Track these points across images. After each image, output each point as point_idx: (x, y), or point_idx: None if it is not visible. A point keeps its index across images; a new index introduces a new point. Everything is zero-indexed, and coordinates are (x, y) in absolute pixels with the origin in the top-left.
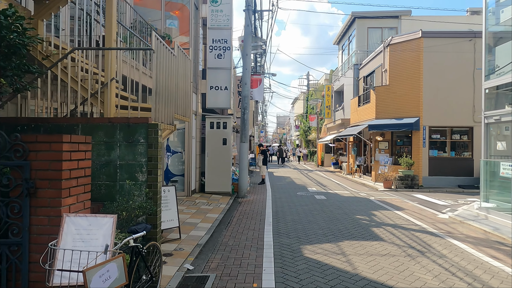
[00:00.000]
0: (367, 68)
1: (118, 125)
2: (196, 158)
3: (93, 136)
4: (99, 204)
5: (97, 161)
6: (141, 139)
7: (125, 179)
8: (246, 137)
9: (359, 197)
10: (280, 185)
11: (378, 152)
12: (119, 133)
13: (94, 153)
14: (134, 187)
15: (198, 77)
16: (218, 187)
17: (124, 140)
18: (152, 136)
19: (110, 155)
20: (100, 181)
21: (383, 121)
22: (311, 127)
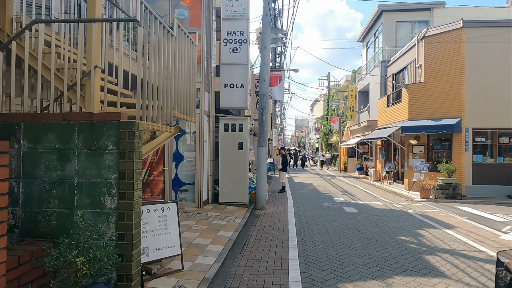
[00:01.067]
0: (396, 65)
1: (76, 123)
2: (209, 165)
3: (41, 141)
4: (47, 242)
5: (46, 178)
6: (109, 145)
7: (85, 206)
8: (264, 140)
9: (395, 209)
10: (302, 194)
11: (412, 157)
12: (78, 136)
13: (42, 165)
14: (98, 218)
15: (211, 74)
16: (234, 197)
17: (84, 146)
18: (126, 140)
19: (64, 169)
20: (49, 207)
21: (417, 123)
22: (333, 129)
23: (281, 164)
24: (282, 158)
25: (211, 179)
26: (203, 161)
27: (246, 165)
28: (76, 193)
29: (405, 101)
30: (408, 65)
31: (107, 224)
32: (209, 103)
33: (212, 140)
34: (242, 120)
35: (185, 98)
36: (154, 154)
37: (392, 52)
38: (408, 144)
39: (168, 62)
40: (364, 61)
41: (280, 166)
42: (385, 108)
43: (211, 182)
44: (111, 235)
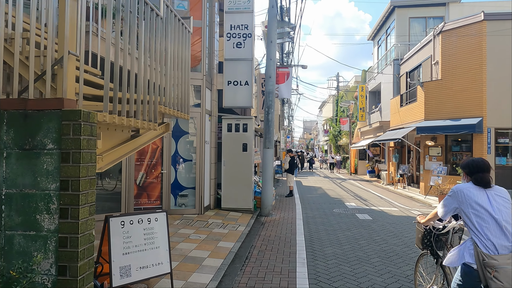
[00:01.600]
0: (410, 62)
1: (5, 114)
2: (211, 167)
3: None
4: None
5: None
6: (48, 143)
7: (16, 227)
8: (270, 141)
9: (412, 216)
10: (311, 198)
11: (429, 159)
12: (7, 131)
13: None
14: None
15: (213, 71)
16: (237, 202)
17: (16, 145)
18: (70, 136)
19: None
20: None
21: (434, 123)
22: (342, 131)
23: (289, 165)
24: (290, 159)
25: (213, 183)
26: (204, 164)
27: (250, 168)
28: (3, 209)
29: (420, 100)
30: (423, 62)
31: (44, 252)
32: (211, 102)
33: (214, 141)
34: (246, 119)
35: (177, 92)
36: (151, 156)
37: (405, 49)
38: (424, 146)
39: (151, 46)
40: (375, 60)
41: (288, 166)
42: (398, 108)
43: (214, 186)
44: (49, 267)
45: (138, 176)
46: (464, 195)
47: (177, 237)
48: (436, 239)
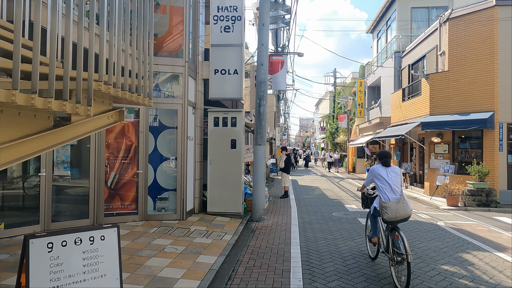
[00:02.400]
0: (413, 54)
1: None
2: (196, 167)
3: None
4: None
5: None
6: None
7: None
8: (262, 137)
9: (422, 222)
10: (308, 200)
11: (434, 157)
12: None
13: None
14: None
15: (198, 57)
16: (225, 206)
17: None
18: None
19: None
20: None
21: (441, 118)
22: (339, 128)
23: (284, 163)
24: (286, 157)
25: (198, 184)
26: (187, 163)
27: (240, 167)
28: None
29: (425, 93)
30: (428, 53)
31: None
32: (196, 92)
33: (199, 137)
34: (235, 113)
35: (131, 66)
36: (125, 154)
37: (407, 41)
38: (430, 143)
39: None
40: (375, 54)
41: (283, 165)
42: (400, 103)
43: (199, 188)
44: None
45: (110, 176)
46: (375, 171)
47: (149, 250)
48: (370, 200)
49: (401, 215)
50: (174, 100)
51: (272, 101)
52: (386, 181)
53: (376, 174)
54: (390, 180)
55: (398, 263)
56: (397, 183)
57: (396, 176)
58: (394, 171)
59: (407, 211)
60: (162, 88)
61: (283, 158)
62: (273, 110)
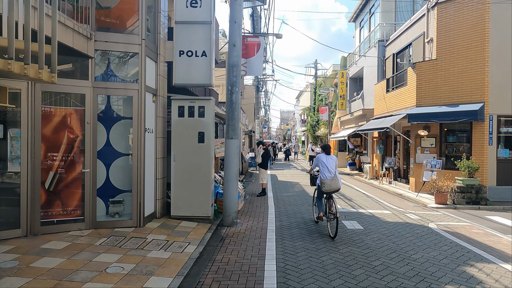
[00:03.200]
0: (398, 43)
1: None
2: (157, 164)
3: None
4: None
5: None
6: None
7: None
8: (235, 130)
9: (412, 224)
10: (287, 198)
11: (420, 151)
12: None
13: None
14: None
15: (159, 36)
16: (192, 208)
17: None
18: None
19: None
20: None
21: (428, 109)
22: (320, 121)
23: (262, 158)
24: (264, 151)
25: (160, 184)
26: (145, 159)
27: (208, 163)
28: None
29: (411, 83)
30: (414, 41)
31: None
32: (157, 77)
33: (162, 129)
34: (203, 101)
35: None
36: (67, 149)
37: (391, 29)
38: (416, 136)
39: None
40: (357, 43)
41: (260, 160)
42: (384, 94)
43: (161, 188)
44: None
45: (48, 177)
46: (320, 159)
47: (88, 270)
48: (315, 178)
49: (333, 188)
50: (128, 85)
51: (251, 92)
52: (325, 165)
53: (320, 160)
54: (328, 164)
55: (331, 220)
56: (333, 167)
57: (332, 161)
58: (331, 158)
59: (338, 185)
60: (116, 71)
61: (260, 153)
62: (253, 102)
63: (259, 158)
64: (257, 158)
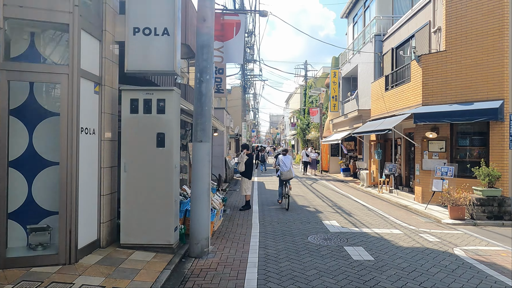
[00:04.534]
0: (398, 36)
1: None
2: (102, 175)
3: None
4: None
5: None
6: None
7: None
8: (204, 130)
9: (433, 249)
10: (275, 213)
11: (428, 156)
12: None
13: None
14: None
15: (105, 7)
16: (149, 233)
17: None
18: None
19: None
20: None
21: (437, 108)
22: (311, 123)
23: (245, 166)
24: (247, 158)
25: (107, 201)
26: (78, 169)
27: (171, 174)
28: None
29: (416, 79)
30: (418, 32)
31: None
32: (101, 60)
33: (110, 129)
34: (163, 92)
35: None
36: None
37: (389, 23)
38: (423, 139)
39: None
40: (350, 40)
41: (243, 168)
42: (382, 93)
43: (108, 207)
44: None
45: None
46: (280, 158)
47: None
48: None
49: (288, 177)
50: (54, 68)
51: (238, 93)
52: (284, 162)
53: (280, 159)
54: (285, 162)
55: (286, 198)
56: (288, 163)
57: (288, 160)
58: (287, 158)
59: (291, 175)
60: (41, 49)
61: (244, 160)
62: (239, 104)
63: (242, 166)
64: (240, 166)
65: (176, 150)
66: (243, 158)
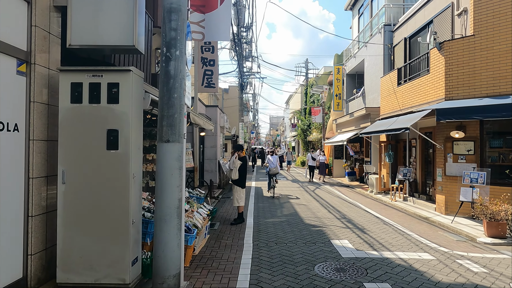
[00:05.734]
0: (412, 23)
1: None
2: (30, 189)
3: None
4: None
5: None
6: None
7: None
8: (172, 127)
9: (481, 286)
10: (274, 228)
11: (453, 160)
12: None
13: None
14: None
15: None
16: (95, 269)
17: None
18: None
19: None
20: None
21: (465, 103)
22: (312, 124)
23: (238, 173)
24: (241, 163)
25: (38, 224)
26: None
27: (127, 186)
28: None
29: (436, 70)
30: (437, 17)
31: None
32: (30, 29)
33: (43, 126)
34: (116, 74)
35: None
36: None
37: (399, 12)
38: (446, 139)
39: None
40: (356, 33)
41: (237, 176)
42: (394, 88)
43: (40, 232)
44: None
45: None
46: (269, 158)
47: None
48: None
49: (274, 172)
50: None
51: (235, 92)
52: (271, 161)
53: (268, 159)
54: (273, 160)
55: (273, 188)
56: (275, 162)
57: (274, 159)
58: (274, 157)
59: (277, 171)
60: None
61: (237, 165)
62: (237, 104)
63: (235, 173)
64: (233, 173)
65: (136, 154)
66: (235, 163)
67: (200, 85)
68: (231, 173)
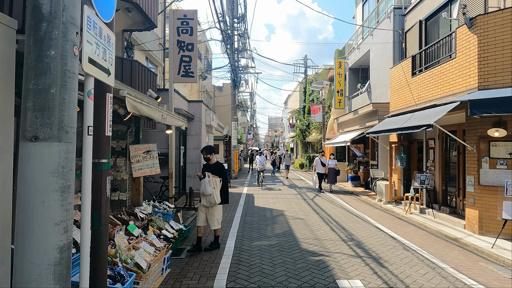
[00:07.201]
0: (429, 2)
1: None
2: None
3: None
4: None
5: None
6: None
7: None
8: (49, 111)
9: None
10: (259, 257)
11: (489, 165)
12: None
13: None
14: None
15: None
16: None
17: None
18: None
19: None
20: None
21: (506, 92)
22: (312, 124)
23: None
24: (221, 178)
25: None
26: None
27: None
28: None
29: (465, 53)
30: None
31: None
32: None
33: None
34: None
35: None
36: None
37: None
38: (479, 139)
39: None
40: (359, 22)
41: (219, 198)
42: (408, 80)
43: None
44: None
45: None
46: (257, 158)
47: None
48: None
49: (262, 169)
50: None
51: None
52: (259, 160)
53: (257, 159)
54: (260, 159)
55: (261, 183)
56: (262, 161)
57: (262, 158)
58: (262, 157)
59: (264, 168)
60: None
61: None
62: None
63: (217, 196)
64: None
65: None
66: (216, 182)
67: (176, 74)
68: (213, 197)
